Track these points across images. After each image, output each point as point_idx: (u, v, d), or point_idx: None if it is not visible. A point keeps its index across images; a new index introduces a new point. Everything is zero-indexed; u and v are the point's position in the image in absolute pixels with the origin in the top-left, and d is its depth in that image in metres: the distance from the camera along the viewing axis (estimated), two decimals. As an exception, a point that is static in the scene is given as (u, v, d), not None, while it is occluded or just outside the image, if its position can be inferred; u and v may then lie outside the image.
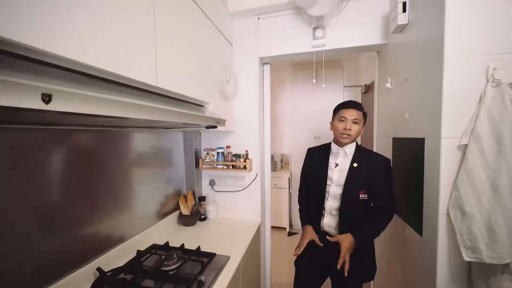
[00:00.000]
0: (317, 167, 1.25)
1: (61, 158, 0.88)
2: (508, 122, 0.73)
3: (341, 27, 1.45)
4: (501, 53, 0.78)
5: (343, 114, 1.14)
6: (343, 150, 1.19)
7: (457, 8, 0.81)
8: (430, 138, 0.92)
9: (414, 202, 1.04)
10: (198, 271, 1.02)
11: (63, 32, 0.49)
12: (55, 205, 0.85)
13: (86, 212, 0.97)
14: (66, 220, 0.89)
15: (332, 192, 1.18)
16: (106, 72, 0.60)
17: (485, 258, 0.73)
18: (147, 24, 0.78)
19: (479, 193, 0.75)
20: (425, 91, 0.96)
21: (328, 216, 1.20)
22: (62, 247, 0.87)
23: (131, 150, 1.23)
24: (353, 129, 1.12)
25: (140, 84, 0.77)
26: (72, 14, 0.51)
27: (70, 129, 0.90)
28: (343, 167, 1.17)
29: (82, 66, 0.54)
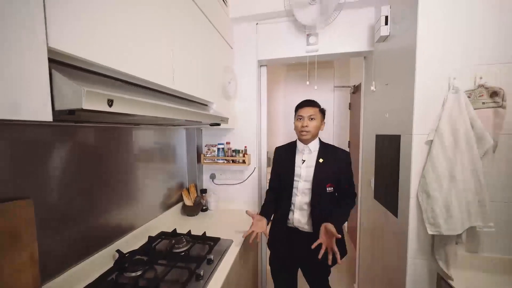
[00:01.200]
0: (285, 165, 1.30)
1: (86, 154, 0.99)
2: (463, 122, 0.91)
3: (332, 34, 1.61)
4: (459, 65, 0.96)
5: (299, 113, 1.23)
6: (307, 147, 1.26)
7: (427, 27, 0.98)
8: (404, 135, 1.09)
9: (392, 190, 1.22)
10: (206, 251, 1.16)
11: (127, 55, 0.61)
12: (81, 195, 0.96)
13: (104, 202, 1.08)
14: (89, 209, 1.00)
15: (300, 187, 1.24)
16: (143, 80, 0.72)
17: (443, 231, 0.92)
18: (168, 37, 0.91)
19: (440, 179, 0.93)
20: (402, 95, 1.12)
21: (297, 211, 1.25)
22: (88, 232, 0.99)
23: (140, 146, 1.34)
24: (311, 125, 1.20)
25: (163, 88, 0.89)
26: (124, 42, 0.64)
27: (96, 126, 1.01)
28: (309, 163, 1.24)
29: (129, 76, 0.66)
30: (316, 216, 1.21)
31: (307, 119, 1.21)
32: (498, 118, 0.91)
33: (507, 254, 0.97)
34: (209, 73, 1.36)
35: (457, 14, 0.95)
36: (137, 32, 0.72)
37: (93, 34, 0.56)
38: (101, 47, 0.58)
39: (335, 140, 3.31)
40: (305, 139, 1.24)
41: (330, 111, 3.32)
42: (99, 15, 0.59)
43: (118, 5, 0.65)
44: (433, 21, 0.97)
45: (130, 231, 1.25)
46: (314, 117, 1.21)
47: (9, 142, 0.71)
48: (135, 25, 0.71)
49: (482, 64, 0.94)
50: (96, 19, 0.58)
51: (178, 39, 0.98)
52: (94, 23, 0.57)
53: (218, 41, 1.50)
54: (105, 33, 0.60)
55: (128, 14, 0.69)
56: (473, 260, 0.99)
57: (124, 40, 0.67)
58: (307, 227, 1.24)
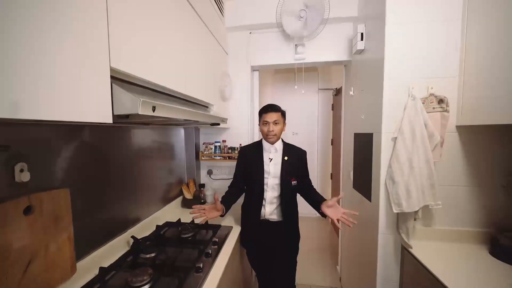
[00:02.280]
0: (254, 163, 1.40)
1: (104, 154, 1.11)
2: (419, 123, 1.15)
3: (317, 45, 1.83)
4: (416, 77, 1.20)
5: (264, 118, 1.34)
6: (274, 146, 1.39)
7: (391, 45, 1.21)
8: (375, 133, 1.33)
9: (366, 179, 1.46)
10: (211, 235, 1.33)
11: (153, 67, 0.77)
12: (102, 188, 1.09)
13: (117, 195, 1.20)
14: (106, 201, 1.13)
15: (270, 183, 1.36)
16: (163, 87, 0.88)
17: (405, 209, 1.16)
18: (182, 49, 1.06)
19: (402, 168, 1.17)
20: (373, 100, 1.36)
21: (268, 205, 1.37)
22: (106, 220, 1.12)
23: (145, 145, 1.46)
24: (276, 129, 1.33)
25: (175, 93, 1.05)
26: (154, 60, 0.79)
27: (114, 128, 1.13)
28: (276, 161, 1.38)
29: (153, 84, 0.82)
30: (284, 206, 1.37)
31: (272, 124, 1.32)
32: (444, 120, 1.17)
33: (453, 226, 1.23)
34: (210, 78, 1.52)
35: (414, 38, 1.19)
36: (162, 46, 0.87)
37: (136, 54, 0.72)
38: (142, 65, 0.74)
39: (319, 137, 3.58)
40: (271, 142, 1.38)
41: (315, 111, 3.59)
42: (142, 42, 0.74)
43: (151, 25, 0.80)
44: (396, 41, 1.21)
45: (138, 221, 1.38)
46: (278, 122, 1.34)
47: (52, 140, 0.84)
48: (161, 41, 0.86)
49: (432, 77, 1.19)
50: (139, 45, 0.73)
51: (188, 49, 1.13)
52: (137, 47, 0.73)
53: (217, 48, 1.66)
54: (144, 52, 0.76)
55: (155, 30, 0.84)
56: (428, 232, 1.25)
57: (156, 56, 0.82)
58: (276, 218, 1.39)
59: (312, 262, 2.49)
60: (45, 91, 0.47)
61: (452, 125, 1.19)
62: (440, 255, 1.13)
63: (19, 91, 0.42)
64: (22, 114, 0.43)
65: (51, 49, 0.48)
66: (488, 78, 1.02)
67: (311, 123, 3.58)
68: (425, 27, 1.19)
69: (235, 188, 1.51)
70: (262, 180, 1.38)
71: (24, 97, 0.43)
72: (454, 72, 1.18)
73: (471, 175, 1.20)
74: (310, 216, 3.63)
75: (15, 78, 0.42)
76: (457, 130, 1.19)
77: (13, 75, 0.41)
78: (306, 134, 3.58)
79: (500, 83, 0.96)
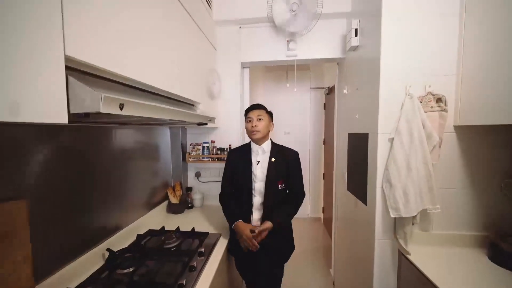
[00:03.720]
0: (242, 166, 1.34)
1: (74, 155, 0.98)
2: (416, 123, 1.09)
3: (310, 41, 1.75)
4: (413, 75, 1.14)
5: (248, 115, 1.32)
6: (261, 147, 1.32)
7: (388, 42, 1.15)
8: (371, 133, 1.27)
9: (361, 181, 1.40)
10: (197, 245, 1.22)
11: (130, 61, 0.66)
12: (71, 195, 0.96)
13: (92, 202, 1.08)
14: (78, 209, 1.00)
15: (257, 188, 1.29)
16: (141, 83, 0.76)
17: (402, 214, 1.10)
18: (164, 42, 0.94)
19: (399, 170, 1.11)
20: (369, 99, 1.30)
21: (256, 211, 1.30)
22: (78, 232, 0.99)
23: (125, 146, 1.34)
24: (260, 125, 1.28)
25: (158, 90, 0.93)
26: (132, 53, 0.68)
27: (85, 128, 1.01)
28: (263, 163, 1.31)
29: (131, 80, 0.70)
30: (268, 212, 1.27)
31: (256, 120, 1.29)
32: (442, 119, 1.12)
33: (451, 230, 1.19)
34: (196, 74, 1.41)
35: (411, 34, 1.13)
36: (137, 37, 0.76)
37: (102, 43, 0.60)
38: (110, 55, 0.62)
39: (311, 137, 3.53)
40: (256, 139, 1.30)
41: (307, 110, 3.53)
42: (109, 27, 0.63)
43: (123, 13, 0.68)
44: (393, 37, 1.15)
45: (117, 230, 1.25)
46: (262, 118, 1.30)
47: (4, 142, 0.71)
48: (135, 31, 0.75)
49: (430, 75, 1.14)
50: (106, 31, 0.62)
51: (169, 42, 1.02)
52: (104, 34, 0.61)
53: (203, 42, 1.55)
54: (113, 41, 0.64)
55: (129, 18, 0.72)
56: (425, 237, 1.20)
57: (128, 46, 0.70)
58: (260, 224, 1.28)
59: (305, 264, 2.43)
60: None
61: (450, 125, 1.14)
62: (438, 260, 1.08)
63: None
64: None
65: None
66: (488, 76, 0.97)
67: (303, 123, 3.53)
68: (422, 22, 1.13)
69: (230, 198, 1.38)
70: (250, 184, 1.30)
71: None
72: (452, 70, 1.13)
73: (469, 177, 1.16)
74: (302, 217, 3.59)
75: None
76: (455, 130, 1.15)
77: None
78: (298, 133, 3.52)
79: (500, 81, 0.91)
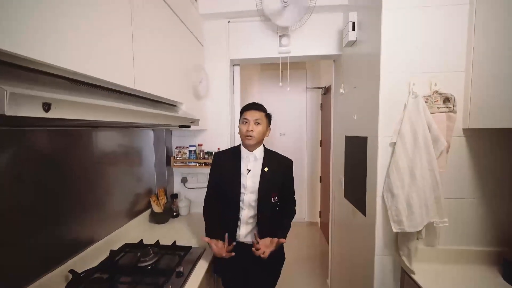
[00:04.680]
0: (229, 174, 1.17)
1: (27, 158, 0.84)
2: (421, 125, 0.97)
3: (304, 37, 1.63)
4: (417, 72, 1.02)
5: (245, 116, 1.14)
6: (253, 154, 1.17)
7: (389, 36, 1.03)
8: (370, 137, 1.14)
9: (360, 189, 1.27)
10: (175, 263, 1.09)
11: (64, 45, 0.52)
12: (21, 206, 0.82)
13: (53, 214, 0.95)
14: (33, 223, 0.86)
15: (246, 200, 1.14)
16: (94, 78, 0.63)
17: (406, 228, 0.98)
18: (126, 28, 0.81)
19: (402, 178, 0.99)
20: (368, 99, 1.17)
21: (244, 226, 1.16)
22: (34, 251, 0.85)
23: (101, 149, 1.21)
24: (256, 130, 1.12)
25: (120, 87, 0.80)
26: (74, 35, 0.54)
27: (39, 130, 0.87)
28: (255, 172, 1.16)
29: (78, 74, 0.57)
30: (261, 228, 1.15)
31: (253, 123, 1.12)
32: (450, 121, 1.00)
33: (459, 245, 1.07)
34: (178, 71, 1.27)
35: (415, 26, 1.01)
36: (88, 21, 0.62)
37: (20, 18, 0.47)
38: (34, 38, 0.49)
39: (307, 139, 3.41)
40: (249, 145, 1.14)
41: (303, 111, 3.41)
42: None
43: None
44: (395, 30, 1.02)
45: (88, 245, 1.12)
46: (260, 122, 1.13)
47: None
48: (85, 14, 0.61)
49: (436, 72, 1.02)
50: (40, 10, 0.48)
51: (138, 32, 0.88)
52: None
53: (187, 37, 1.41)
54: (37, 19, 0.51)
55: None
56: (431, 253, 1.07)
57: (69, 28, 0.57)
58: (251, 241, 1.16)
59: (299, 273, 2.30)
60: None
61: (458, 128, 1.02)
62: (446, 280, 0.96)
63: None
64: None
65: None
66: (501, 73, 0.85)
67: (299, 124, 3.40)
68: (428, 13, 1.01)
69: (213, 206, 1.23)
70: (238, 195, 1.15)
71: None
72: (461, 66, 1.00)
73: (480, 186, 1.03)
74: (298, 221, 3.46)
75: None
76: (464, 133, 1.02)
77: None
78: (294, 135, 3.39)
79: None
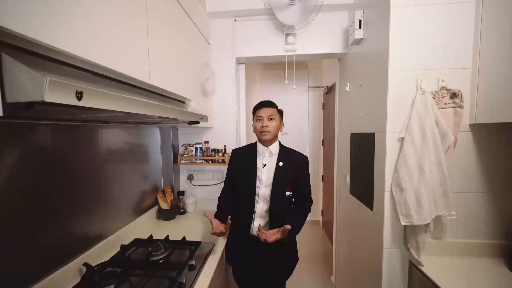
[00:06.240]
0: (245, 169, 1.22)
1: (44, 155, 0.85)
2: (429, 120, 0.99)
3: (309, 36, 1.64)
4: (425, 69, 1.04)
5: (258, 113, 1.21)
6: (269, 149, 1.22)
7: (398, 33, 1.05)
8: (378, 132, 1.16)
9: (367, 185, 1.29)
10: (187, 257, 1.10)
11: (96, 42, 0.53)
12: (41, 202, 0.83)
13: (65, 209, 0.95)
14: (50, 218, 0.87)
15: (261, 194, 1.18)
16: (114, 71, 0.64)
17: (415, 221, 0.99)
18: (143, 25, 0.82)
19: (411, 173, 1.01)
20: (375, 95, 1.19)
21: (258, 219, 1.19)
22: (49, 245, 0.86)
23: (109, 147, 1.22)
24: (270, 125, 1.18)
25: (136, 82, 0.81)
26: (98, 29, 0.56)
27: (58, 124, 0.88)
28: (270, 167, 1.20)
29: (99, 67, 0.58)
30: (274, 222, 1.17)
31: (266, 119, 1.18)
32: (457, 117, 1.02)
33: (467, 238, 1.09)
34: (186, 68, 1.29)
35: (423, 24, 1.04)
36: (108, 15, 0.64)
37: (53, 14, 0.48)
38: (65, 31, 0.50)
39: (309, 138, 3.42)
40: (265, 140, 1.20)
41: (305, 110, 3.43)
42: None
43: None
44: (402, 26, 1.05)
45: (99, 240, 1.13)
46: (273, 117, 1.20)
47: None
48: (106, 9, 0.63)
49: (443, 68, 1.04)
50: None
51: (154, 28, 0.90)
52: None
53: (195, 35, 1.43)
54: (68, 14, 0.52)
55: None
56: (439, 246, 1.09)
57: (93, 24, 0.58)
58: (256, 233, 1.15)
59: (303, 271, 2.31)
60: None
61: (465, 124, 1.04)
62: (454, 272, 0.98)
63: None
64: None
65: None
66: (508, 69, 0.87)
67: (301, 123, 3.42)
68: (435, 10, 1.03)
69: (227, 197, 1.30)
70: (253, 189, 1.17)
71: None
72: (468, 62, 1.03)
73: (486, 180, 1.06)
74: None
75: None
76: (471, 128, 1.05)
77: None
78: (296, 134, 3.41)
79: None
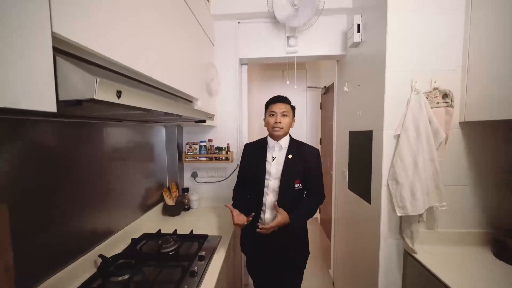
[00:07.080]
0: (255, 162, 1.25)
1: (61, 154, 0.90)
2: (423, 119, 1.07)
3: (310, 38, 1.72)
4: (419, 70, 1.12)
5: (272, 108, 1.20)
6: (278, 143, 1.23)
7: (395, 36, 1.12)
8: (376, 130, 1.24)
9: (365, 180, 1.37)
10: (196, 249, 1.15)
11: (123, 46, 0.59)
12: (57, 198, 0.88)
13: (81, 205, 0.99)
14: (65, 213, 0.91)
15: (271, 186, 1.20)
16: (139, 73, 0.70)
17: (409, 212, 1.07)
18: (158, 29, 0.88)
19: (406, 168, 1.09)
20: (373, 95, 1.27)
21: (268, 211, 1.21)
22: (66, 238, 0.91)
23: (117, 145, 1.25)
24: (283, 122, 1.18)
25: (151, 81, 0.87)
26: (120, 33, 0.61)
27: (71, 124, 0.92)
28: (279, 160, 1.21)
29: (126, 69, 0.64)
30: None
31: (280, 115, 1.18)
32: (448, 115, 1.10)
33: (457, 228, 1.17)
34: (193, 68, 1.34)
35: (417, 28, 1.11)
36: (132, 22, 0.69)
37: (95, 23, 0.54)
38: (102, 37, 0.56)
39: (307, 137, 3.51)
40: (277, 135, 1.21)
41: (303, 110, 3.51)
42: (102, 5, 0.56)
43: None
44: (398, 30, 1.12)
45: (110, 235, 1.17)
46: (287, 114, 1.20)
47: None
48: (133, 14, 0.68)
49: (436, 70, 1.12)
50: (99, 9, 0.55)
51: (166, 30, 0.95)
52: (97, 13, 0.54)
53: (201, 36, 1.49)
54: (106, 22, 0.58)
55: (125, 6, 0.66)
56: (431, 236, 1.18)
57: (124, 30, 0.64)
58: None
59: (304, 266, 2.39)
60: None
61: (455, 122, 1.13)
62: (445, 259, 1.06)
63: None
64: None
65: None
66: (494, 70, 0.96)
67: (299, 122, 3.49)
68: (428, 15, 1.11)
69: (240, 190, 1.37)
70: (263, 182, 1.21)
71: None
72: (458, 65, 1.11)
73: (474, 174, 1.15)
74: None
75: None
76: (460, 126, 1.13)
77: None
78: (294, 133, 3.44)
79: (507, 74, 0.90)
